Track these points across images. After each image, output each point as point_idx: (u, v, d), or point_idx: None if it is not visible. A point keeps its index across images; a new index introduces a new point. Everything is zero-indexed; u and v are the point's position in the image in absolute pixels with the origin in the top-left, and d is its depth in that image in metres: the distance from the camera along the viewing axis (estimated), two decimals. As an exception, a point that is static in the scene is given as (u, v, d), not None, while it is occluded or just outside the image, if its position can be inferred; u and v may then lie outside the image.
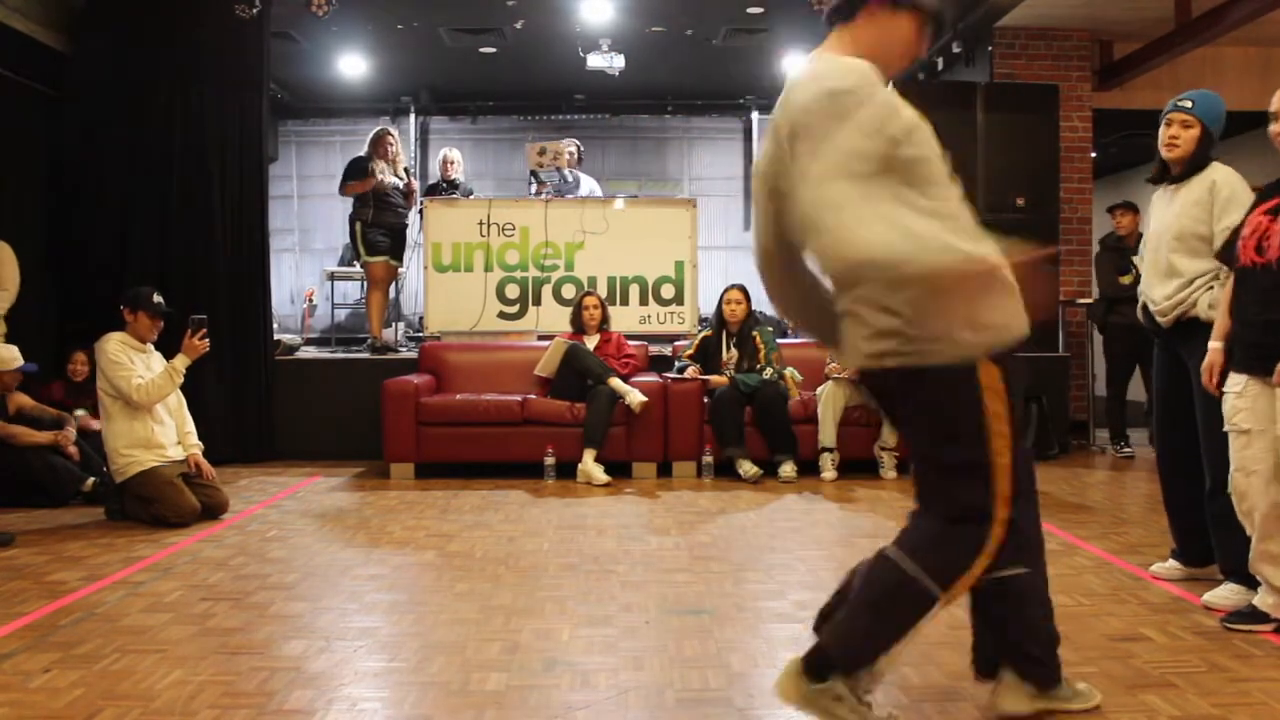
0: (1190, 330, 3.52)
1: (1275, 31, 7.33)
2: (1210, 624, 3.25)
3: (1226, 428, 3.15)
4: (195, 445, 5.18)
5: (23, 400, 5.48)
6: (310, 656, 2.99)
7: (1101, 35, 7.97)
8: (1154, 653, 2.98)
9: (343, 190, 7.42)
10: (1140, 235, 6.90)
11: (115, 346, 4.94)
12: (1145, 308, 3.74)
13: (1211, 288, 3.45)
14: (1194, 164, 3.55)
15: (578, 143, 7.92)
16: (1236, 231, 3.24)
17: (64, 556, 4.25)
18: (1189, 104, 3.56)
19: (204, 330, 5.07)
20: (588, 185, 8.02)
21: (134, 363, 4.95)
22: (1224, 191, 3.45)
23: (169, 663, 2.92)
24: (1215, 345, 3.28)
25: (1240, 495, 3.14)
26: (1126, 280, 6.81)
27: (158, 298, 5.11)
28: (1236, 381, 3.13)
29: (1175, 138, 3.56)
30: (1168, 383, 3.71)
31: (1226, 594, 3.39)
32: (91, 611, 3.45)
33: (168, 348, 5.14)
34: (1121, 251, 6.93)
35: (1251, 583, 3.36)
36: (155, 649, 3.04)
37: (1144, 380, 6.84)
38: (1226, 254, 3.29)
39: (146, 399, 4.90)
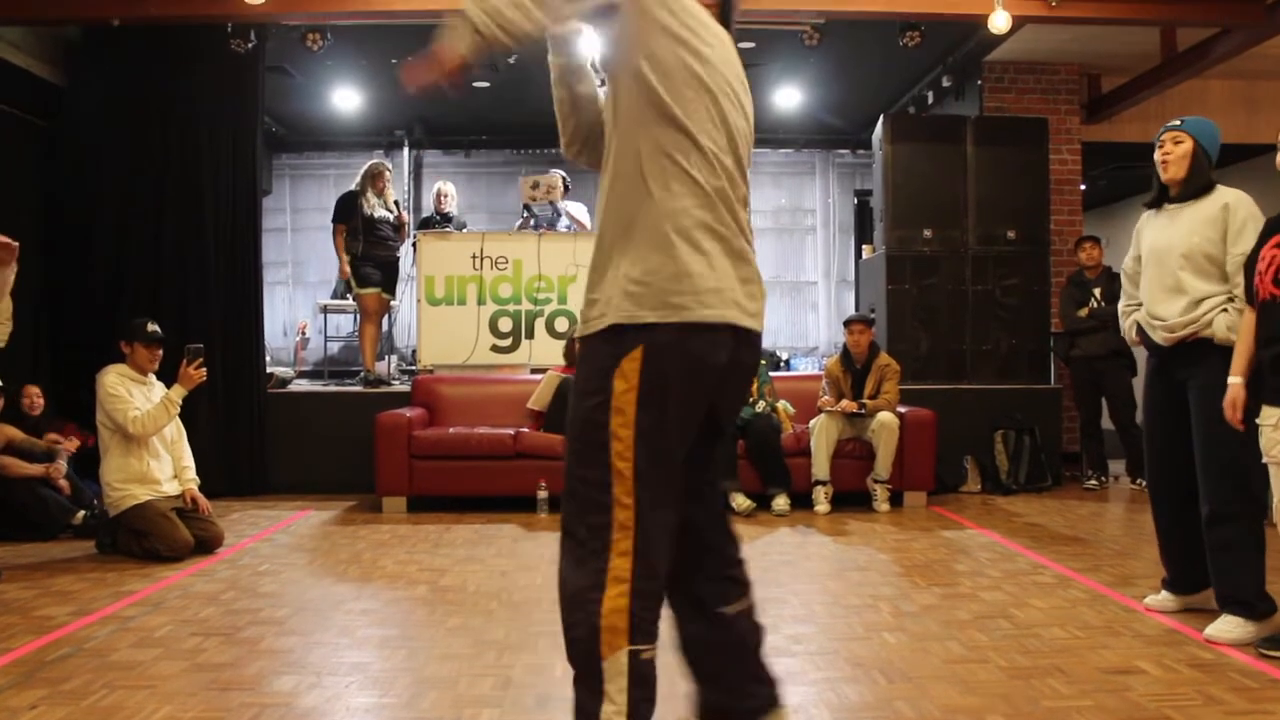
0: (1197, 352, 3.46)
1: (1259, 65, 7.42)
2: (1206, 656, 3.24)
3: (1265, 460, 3.12)
4: (192, 480, 5.16)
5: (12, 432, 5.45)
6: (301, 692, 2.97)
7: (1090, 69, 8.06)
8: (1150, 685, 2.97)
9: (334, 227, 7.44)
10: (1105, 269, 6.94)
11: (113, 379, 4.93)
12: (1141, 327, 3.69)
13: (1226, 310, 3.40)
14: (1195, 184, 3.53)
15: (563, 174, 7.97)
16: (1253, 266, 3.22)
17: (53, 591, 4.21)
18: (1178, 122, 3.59)
19: (200, 360, 5.06)
20: (576, 210, 7.99)
21: (132, 395, 4.94)
22: (1240, 214, 3.42)
23: (158, 698, 2.90)
24: (1236, 381, 3.22)
25: None
26: (1083, 314, 6.85)
27: (152, 326, 5.10)
28: (1271, 415, 3.09)
29: (1167, 154, 3.56)
30: (1162, 406, 3.66)
31: (1227, 627, 3.36)
32: (80, 646, 3.42)
33: (167, 380, 5.12)
34: (1084, 286, 6.95)
35: (1251, 613, 3.35)
36: (144, 685, 3.02)
37: (1109, 410, 6.87)
38: (1247, 291, 3.26)
39: (143, 430, 4.88)
